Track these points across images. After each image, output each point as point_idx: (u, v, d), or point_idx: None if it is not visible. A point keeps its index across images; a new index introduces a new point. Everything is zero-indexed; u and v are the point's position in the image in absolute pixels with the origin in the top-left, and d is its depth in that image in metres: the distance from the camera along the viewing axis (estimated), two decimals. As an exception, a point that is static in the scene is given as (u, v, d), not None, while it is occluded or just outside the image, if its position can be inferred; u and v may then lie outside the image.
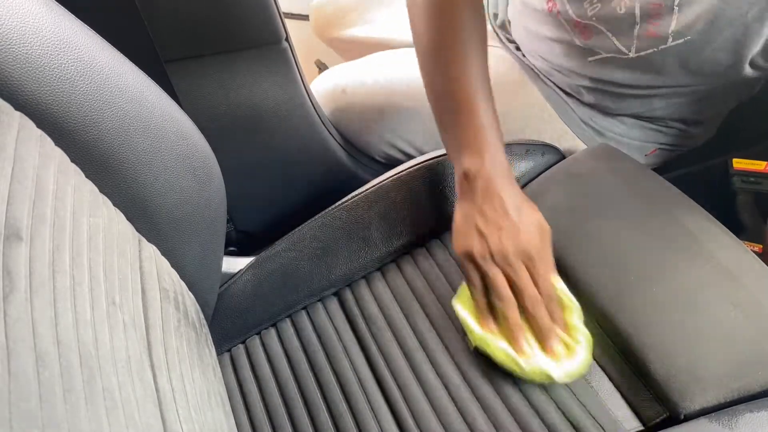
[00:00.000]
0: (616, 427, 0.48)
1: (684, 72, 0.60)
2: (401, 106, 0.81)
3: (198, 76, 0.70)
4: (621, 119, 0.74)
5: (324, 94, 0.88)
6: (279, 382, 0.58)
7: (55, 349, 0.30)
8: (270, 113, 0.76)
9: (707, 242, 0.56)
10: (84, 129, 0.42)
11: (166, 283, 0.46)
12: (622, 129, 0.74)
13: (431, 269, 0.61)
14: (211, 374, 0.51)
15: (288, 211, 0.89)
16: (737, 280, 0.52)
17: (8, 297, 0.29)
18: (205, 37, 0.67)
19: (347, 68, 0.89)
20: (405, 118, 0.82)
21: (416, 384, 0.54)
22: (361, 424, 0.53)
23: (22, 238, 0.32)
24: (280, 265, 0.64)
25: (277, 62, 0.72)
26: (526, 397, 0.51)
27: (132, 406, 0.34)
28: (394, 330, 0.58)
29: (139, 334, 0.39)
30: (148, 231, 0.47)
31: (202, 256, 0.55)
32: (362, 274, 0.63)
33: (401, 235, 0.64)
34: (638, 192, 0.62)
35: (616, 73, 0.66)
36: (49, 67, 0.40)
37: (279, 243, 0.65)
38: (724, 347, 0.49)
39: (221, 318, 0.63)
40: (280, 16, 0.69)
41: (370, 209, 0.64)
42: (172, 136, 0.49)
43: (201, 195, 0.53)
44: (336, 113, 0.86)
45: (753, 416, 0.45)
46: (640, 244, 0.57)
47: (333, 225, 0.64)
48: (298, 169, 0.84)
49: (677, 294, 0.53)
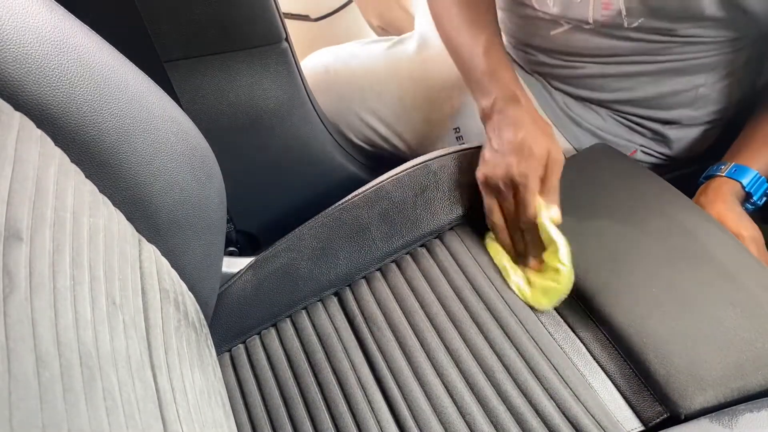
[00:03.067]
0: (616, 427, 0.48)
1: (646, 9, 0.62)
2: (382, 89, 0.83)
3: (198, 76, 0.70)
4: (596, 110, 0.75)
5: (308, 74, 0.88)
6: (279, 382, 0.58)
7: (55, 349, 0.30)
8: (270, 113, 0.76)
9: (707, 242, 0.56)
10: (84, 129, 0.42)
11: (167, 284, 0.46)
12: (600, 123, 0.75)
13: (431, 269, 0.61)
14: (211, 374, 0.51)
15: (288, 211, 0.89)
16: (737, 280, 0.52)
17: (8, 297, 0.29)
18: (205, 37, 0.67)
19: (334, 49, 0.90)
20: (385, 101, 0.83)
21: (416, 384, 0.54)
22: (361, 424, 0.53)
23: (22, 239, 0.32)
24: (280, 265, 0.64)
25: (277, 62, 0.72)
26: (527, 397, 0.51)
27: (132, 406, 0.34)
28: (394, 330, 0.58)
29: (139, 335, 0.39)
30: (148, 231, 0.47)
31: (202, 256, 0.55)
32: (362, 274, 0.63)
33: (401, 235, 0.64)
34: (638, 192, 0.62)
35: (577, 42, 0.69)
36: (49, 67, 0.40)
37: (279, 243, 0.65)
38: (724, 347, 0.49)
39: (221, 318, 0.63)
40: (280, 16, 0.69)
41: (370, 209, 0.64)
42: (172, 137, 0.49)
43: (201, 195, 0.53)
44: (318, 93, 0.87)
45: (753, 416, 0.45)
46: (639, 244, 0.57)
47: (333, 225, 0.64)
48: (298, 169, 0.84)
49: (677, 294, 0.53)
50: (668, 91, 0.70)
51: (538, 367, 0.52)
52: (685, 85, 0.69)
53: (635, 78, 0.70)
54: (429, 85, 0.80)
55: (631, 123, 0.75)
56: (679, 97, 0.70)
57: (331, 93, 0.86)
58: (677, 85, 0.69)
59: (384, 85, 0.83)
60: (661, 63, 0.67)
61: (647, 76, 0.69)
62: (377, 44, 0.87)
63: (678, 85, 0.69)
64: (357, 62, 0.86)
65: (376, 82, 0.84)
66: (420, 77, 0.81)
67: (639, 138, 0.76)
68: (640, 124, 0.75)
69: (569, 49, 0.71)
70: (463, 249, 0.61)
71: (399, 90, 0.82)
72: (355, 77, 0.85)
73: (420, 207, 0.64)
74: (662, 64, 0.67)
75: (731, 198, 0.64)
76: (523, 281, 0.58)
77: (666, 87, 0.69)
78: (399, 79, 0.82)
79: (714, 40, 0.63)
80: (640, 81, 0.70)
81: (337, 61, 0.87)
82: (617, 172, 0.65)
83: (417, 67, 0.82)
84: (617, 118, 0.75)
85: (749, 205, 0.66)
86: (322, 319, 0.61)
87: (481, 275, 0.59)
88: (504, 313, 0.56)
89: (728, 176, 0.65)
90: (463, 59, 0.67)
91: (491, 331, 0.55)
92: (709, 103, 0.71)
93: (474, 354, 0.54)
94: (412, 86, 0.81)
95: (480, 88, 0.64)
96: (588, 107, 0.75)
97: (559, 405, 0.50)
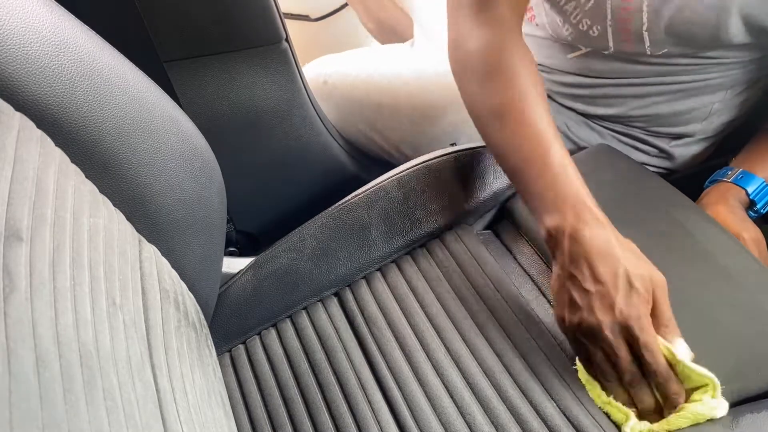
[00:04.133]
0: (616, 428, 0.48)
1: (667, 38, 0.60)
2: (381, 102, 0.83)
3: (198, 76, 0.70)
4: (599, 131, 0.74)
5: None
6: (279, 382, 0.58)
7: (56, 349, 0.30)
8: (270, 113, 0.76)
9: (707, 243, 0.56)
10: (84, 129, 0.42)
11: (167, 284, 0.46)
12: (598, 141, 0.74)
13: (431, 269, 0.61)
14: (212, 374, 0.51)
15: (288, 211, 0.89)
16: (737, 281, 0.52)
17: (8, 297, 0.29)
18: (205, 37, 0.67)
19: (332, 59, 0.90)
20: (383, 114, 0.83)
21: (416, 384, 0.54)
22: (361, 424, 0.53)
23: (22, 239, 0.32)
24: (280, 265, 0.64)
25: (277, 62, 0.72)
26: (527, 397, 0.51)
27: (132, 407, 0.34)
28: (394, 330, 0.58)
29: (139, 335, 0.39)
30: (148, 231, 0.47)
31: (203, 256, 0.55)
32: (362, 274, 0.63)
33: (401, 235, 0.64)
34: (638, 192, 0.62)
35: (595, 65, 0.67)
36: (49, 67, 0.40)
37: (279, 243, 0.65)
38: (724, 348, 0.49)
39: (221, 318, 0.63)
40: (280, 16, 0.69)
41: (370, 209, 0.64)
42: (172, 137, 0.49)
43: (201, 195, 0.53)
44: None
45: (753, 417, 0.45)
46: (639, 244, 0.57)
47: (333, 225, 0.64)
48: (298, 169, 0.84)
49: (677, 295, 0.53)
50: (684, 109, 0.69)
51: (538, 367, 0.52)
52: (701, 103, 0.68)
53: (653, 97, 0.68)
54: (427, 100, 0.80)
55: (635, 141, 0.74)
56: (693, 114, 0.69)
57: (330, 104, 0.87)
58: (694, 103, 0.68)
59: (382, 98, 0.83)
60: (682, 84, 0.66)
61: (665, 95, 0.68)
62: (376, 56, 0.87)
63: (695, 104, 0.68)
64: (355, 75, 0.86)
65: (374, 95, 0.84)
66: (418, 93, 0.81)
67: (642, 156, 0.75)
68: (644, 141, 0.73)
69: (586, 72, 0.69)
70: (463, 249, 0.61)
71: (397, 104, 0.82)
72: (353, 90, 0.85)
73: (420, 207, 0.64)
74: (682, 84, 0.66)
75: (734, 202, 0.63)
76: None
77: (682, 105, 0.68)
78: (397, 94, 0.82)
79: (738, 60, 0.62)
80: (657, 100, 0.69)
81: (335, 73, 0.87)
82: (618, 172, 0.65)
83: (415, 82, 0.82)
84: (619, 138, 0.74)
85: (752, 213, 0.66)
86: (322, 320, 0.61)
87: (480, 275, 0.59)
88: (504, 313, 0.56)
89: (734, 182, 0.65)
90: (529, 160, 0.52)
91: (491, 331, 0.55)
92: (721, 117, 0.70)
93: (474, 354, 0.54)
94: (410, 101, 0.81)
95: (546, 201, 0.50)
96: (588, 126, 0.74)
97: (560, 405, 0.50)
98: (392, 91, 0.82)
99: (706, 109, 0.68)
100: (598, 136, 0.74)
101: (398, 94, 0.82)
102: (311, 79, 0.88)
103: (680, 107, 0.68)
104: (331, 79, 0.87)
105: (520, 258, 0.63)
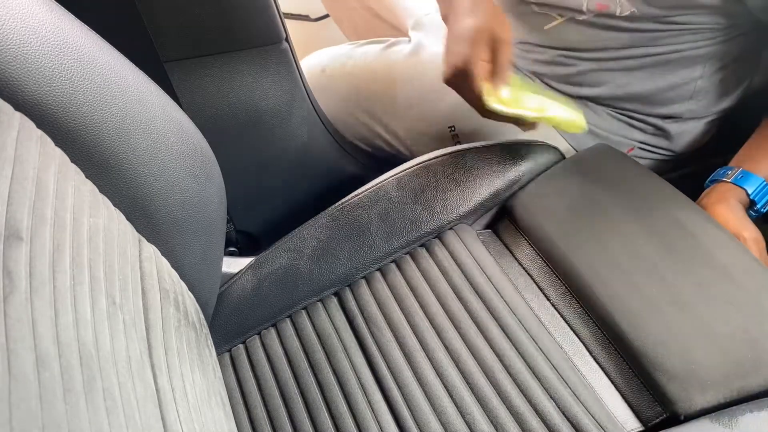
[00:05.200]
0: (615, 427, 0.48)
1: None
2: (378, 88, 0.84)
3: (198, 76, 0.70)
4: (593, 108, 0.75)
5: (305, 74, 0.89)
6: (279, 382, 0.58)
7: (55, 349, 0.30)
8: (270, 113, 0.76)
9: (707, 243, 0.56)
10: (84, 129, 0.42)
11: (167, 284, 0.46)
12: (596, 120, 0.76)
13: (431, 269, 0.61)
14: (211, 374, 0.51)
15: (288, 211, 0.89)
16: (737, 281, 0.52)
17: (8, 297, 0.29)
18: (205, 37, 0.67)
19: (331, 50, 0.91)
20: (382, 101, 0.84)
21: (416, 384, 0.54)
22: (361, 424, 0.53)
23: (22, 238, 0.32)
24: (280, 265, 0.64)
25: (277, 62, 0.72)
26: (527, 397, 0.51)
27: (132, 407, 0.34)
28: (394, 330, 0.58)
29: (139, 335, 0.39)
30: (148, 231, 0.47)
31: (203, 256, 0.55)
32: (362, 274, 0.63)
33: (401, 234, 0.64)
34: (638, 192, 0.62)
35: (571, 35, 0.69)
36: (49, 67, 0.40)
37: (279, 243, 0.65)
38: (724, 347, 0.49)
39: (221, 318, 0.63)
40: (280, 16, 0.69)
41: (370, 209, 0.64)
42: (172, 137, 0.49)
43: (201, 195, 0.53)
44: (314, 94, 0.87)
45: (753, 416, 0.46)
46: (639, 244, 0.57)
47: (333, 225, 0.64)
48: (298, 169, 0.84)
49: (677, 294, 0.53)
50: (665, 85, 0.70)
51: (538, 367, 0.52)
52: (682, 78, 0.69)
53: (631, 72, 0.70)
54: (423, 84, 0.81)
55: (630, 119, 0.75)
56: (677, 91, 0.71)
57: (328, 93, 0.87)
58: (674, 78, 0.69)
59: (379, 84, 0.84)
60: (655, 55, 0.67)
61: (642, 71, 0.70)
62: (372, 45, 0.88)
63: (675, 79, 0.70)
64: (352, 63, 0.86)
65: (371, 81, 0.84)
66: (414, 77, 0.82)
67: (638, 134, 0.76)
68: (639, 119, 0.75)
69: (564, 44, 0.72)
70: (463, 249, 0.61)
71: (394, 89, 0.83)
72: (350, 78, 0.86)
73: (420, 207, 0.64)
74: (656, 56, 0.67)
75: (734, 202, 0.64)
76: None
77: (663, 81, 0.70)
78: (394, 79, 0.83)
79: (707, 27, 0.64)
80: (636, 76, 0.70)
81: (333, 62, 0.88)
82: (618, 171, 0.65)
83: (411, 67, 0.82)
84: (615, 115, 0.75)
85: (752, 213, 0.66)
86: (322, 319, 0.61)
87: (480, 275, 0.59)
88: (504, 313, 0.56)
89: (734, 182, 0.65)
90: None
91: (491, 331, 0.55)
92: (707, 95, 0.72)
93: (474, 354, 0.54)
94: (407, 85, 0.82)
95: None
96: (584, 104, 0.76)
97: (559, 405, 0.50)
98: (389, 77, 0.83)
99: (689, 87, 0.70)
100: (594, 114, 0.76)
101: (395, 80, 0.82)
102: (309, 70, 0.89)
103: (662, 83, 0.70)
104: (329, 68, 0.88)
105: (520, 258, 0.63)
